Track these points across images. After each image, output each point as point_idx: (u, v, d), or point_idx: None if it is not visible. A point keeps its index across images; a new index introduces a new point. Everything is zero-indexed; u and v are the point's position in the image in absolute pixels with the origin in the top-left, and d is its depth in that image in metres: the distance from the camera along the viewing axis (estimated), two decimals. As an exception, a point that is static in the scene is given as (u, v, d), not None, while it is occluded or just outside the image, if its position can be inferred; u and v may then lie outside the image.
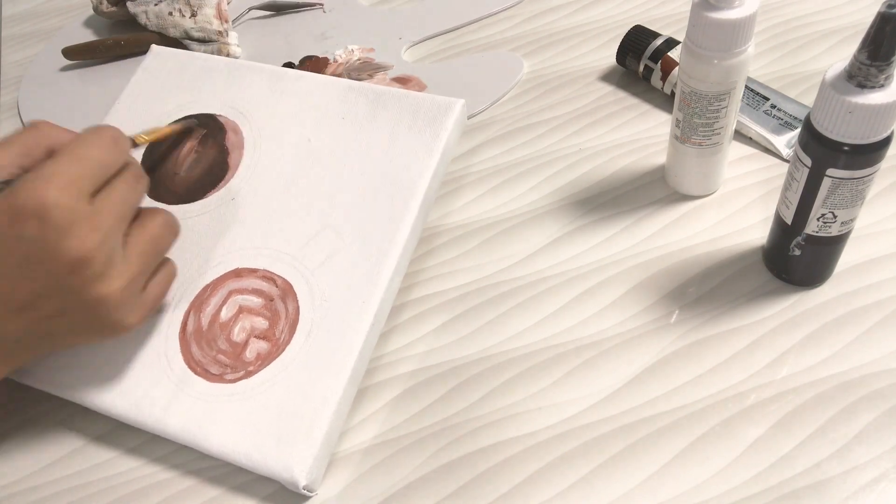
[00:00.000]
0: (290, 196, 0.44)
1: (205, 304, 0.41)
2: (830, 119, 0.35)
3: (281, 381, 0.39)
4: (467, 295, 0.45)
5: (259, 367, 0.39)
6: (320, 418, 0.37)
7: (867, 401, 0.38)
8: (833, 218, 0.38)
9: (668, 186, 0.49)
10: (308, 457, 0.36)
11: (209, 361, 0.40)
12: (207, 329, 0.41)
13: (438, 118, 0.44)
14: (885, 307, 0.42)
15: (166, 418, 0.39)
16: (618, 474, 0.37)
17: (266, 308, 0.41)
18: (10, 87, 0.65)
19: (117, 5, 0.66)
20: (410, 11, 0.65)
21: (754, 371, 0.40)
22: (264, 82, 0.49)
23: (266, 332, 0.40)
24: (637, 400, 0.39)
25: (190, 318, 0.41)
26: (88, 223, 0.32)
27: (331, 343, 0.39)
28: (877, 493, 0.35)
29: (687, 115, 0.44)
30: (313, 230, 0.42)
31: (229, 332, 0.41)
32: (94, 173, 0.33)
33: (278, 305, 0.41)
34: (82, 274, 0.33)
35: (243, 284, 0.42)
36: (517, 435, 0.39)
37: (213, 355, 0.40)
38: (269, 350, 0.40)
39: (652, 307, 0.43)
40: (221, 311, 0.41)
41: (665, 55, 0.53)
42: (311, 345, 0.39)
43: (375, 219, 0.42)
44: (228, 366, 0.40)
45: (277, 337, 0.40)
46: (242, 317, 0.41)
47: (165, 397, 0.39)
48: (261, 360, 0.39)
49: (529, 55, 0.60)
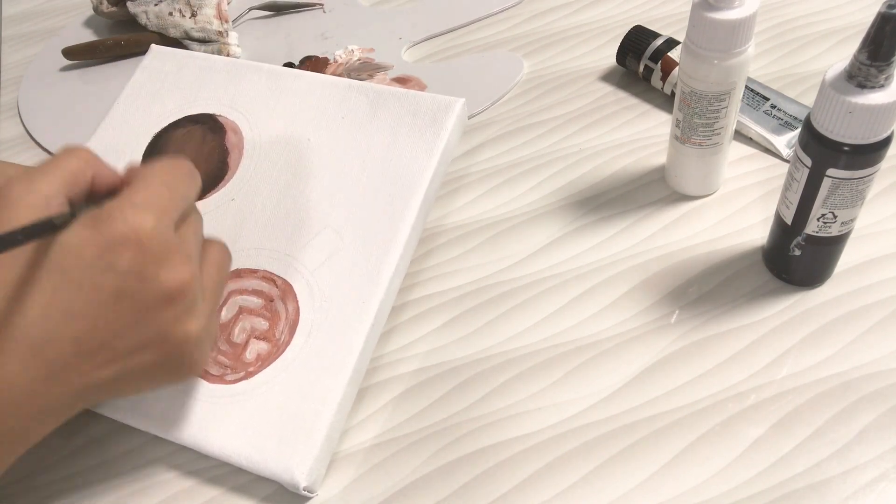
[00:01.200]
0: (290, 196, 0.44)
1: None
2: (830, 119, 0.35)
3: (281, 381, 0.39)
4: (467, 295, 0.45)
5: (259, 367, 0.39)
6: (321, 419, 0.37)
7: (867, 401, 0.38)
8: (833, 218, 0.38)
9: (668, 186, 0.49)
10: (308, 458, 0.36)
11: (209, 362, 0.40)
12: None
13: (439, 117, 0.44)
14: (885, 307, 0.42)
15: (167, 420, 0.39)
16: (618, 474, 0.37)
17: (266, 309, 0.41)
18: (10, 87, 0.65)
19: (117, 5, 0.66)
20: (410, 11, 0.65)
21: (754, 371, 0.40)
22: (263, 82, 0.49)
23: (266, 333, 0.40)
24: (637, 400, 0.39)
25: None
26: (181, 254, 0.30)
27: (331, 343, 0.39)
28: (877, 493, 0.35)
29: (687, 116, 0.44)
30: (313, 230, 0.42)
31: (229, 332, 0.41)
32: (180, 205, 0.32)
33: (278, 306, 0.41)
34: (175, 308, 0.30)
35: (243, 285, 0.42)
36: (517, 435, 0.39)
37: (213, 356, 0.40)
38: (269, 351, 0.40)
39: (652, 307, 0.43)
40: (221, 311, 0.41)
41: (665, 55, 0.53)
42: (312, 345, 0.39)
43: (376, 218, 0.42)
44: (228, 367, 0.40)
45: (277, 338, 0.40)
46: (242, 317, 0.41)
47: (165, 399, 0.39)
48: (261, 361, 0.39)
49: (529, 55, 0.60)
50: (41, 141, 0.59)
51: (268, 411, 0.38)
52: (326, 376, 0.38)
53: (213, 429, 0.38)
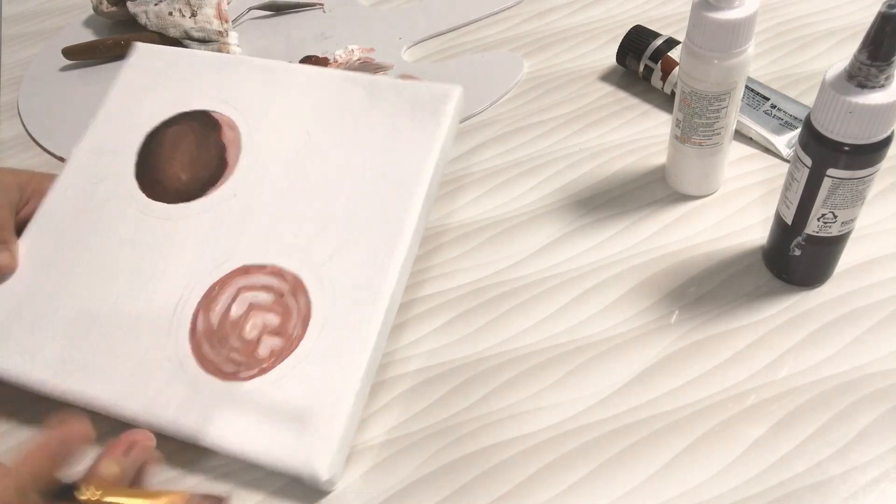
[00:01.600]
0: (292, 191, 0.44)
1: (213, 302, 0.41)
2: (831, 119, 0.35)
3: (296, 376, 0.38)
4: (467, 295, 0.45)
5: (273, 363, 0.39)
6: (339, 412, 0.37)
7: (867, 401, 0.38)
8: (833, 218, 0.38)
9: (668, 186, 0.49)
10: (329, 450, 0.36)
11: (222, 360, 0.40)
12: (218, 328, 0.40)
13: (438, 106, 0.44)
14: (885, 307, 0.42)
15: (181, 419, 0.38)
16: (618, 474, 0.37)
17: (277, 304, 0.41)
18: (10, 87, 0.65)
19: (117, 5, 0.66)
20: (410, 11, 0.65)
21: (754, 371, 0.40)
22: (257, 76, 0.48)
23: (278, 328, 0.40)
24: (637, 400, 0.39)
25: (199, 317, 0.41)
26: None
27: (345, 336, 0.39)
28: (877, 493, 0.35)
29: (687, 115, 0.44)
30: (319, 224, 0.42)
31: (241, 329, 0.40)
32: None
33: (289, 301, 0.41)
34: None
35: (252, 281, 0.42)
36: (517, 435, 0.39)
37: (226, 354, 0.40)
38: (282, 346, 0.39)
39: (652, 307, 0.43)
40: (231, 308, 0.41)
41: (665, 55, 0.53)
42: (326, 338, 0.39)
43: (380, 210, 0.42)
44: (242, 363, 0.39)
45: (290, 332, 0.40)
46: (253, 314, 0.41)
47: (179, 398, 0.39)
48: (274, 357, 0.39)
49: (529, 55, 0.60)
50: (41, 141, 0.59)
51: (284, 407, 0.38)
52: (342, 369, 0.38)
53: (229, 427, 0.38)
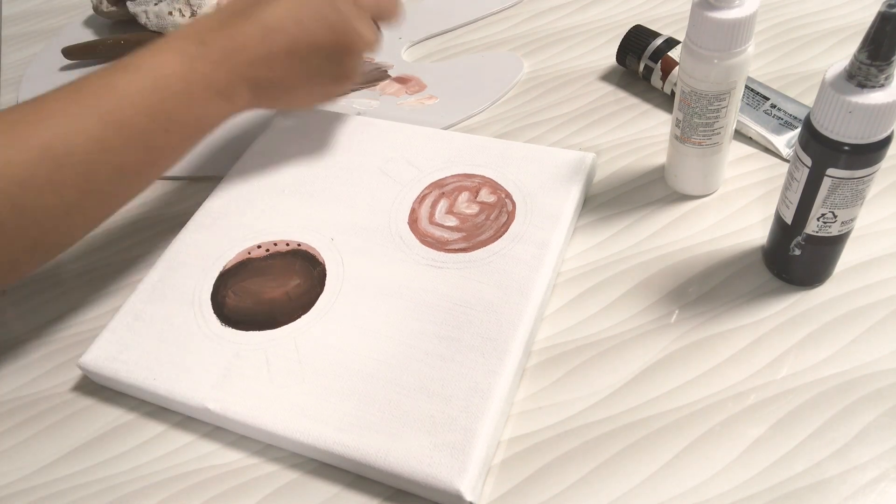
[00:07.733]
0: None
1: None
2: (830, 119, 0.35)
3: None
4: (467, 295, 0.45)
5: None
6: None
7: (867, 401, 0.38)
8: (833, 218, 0.38)
9: (668, 186, 0.49)
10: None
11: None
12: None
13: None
14: (885, 307, 0.42)
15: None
16: (618, 474, 0.37)
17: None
18: (10, 87, 0.65)
19: (117, 5, 0.66)
20: (410, 11, 0.65)
21: (754, 371, 0.40)
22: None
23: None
24: (637, 400, 0.39)
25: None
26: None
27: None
28: (877, 493, 0.35)
29: (687, 115, 0.44)
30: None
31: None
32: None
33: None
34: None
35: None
36: (517, 435, 0.39)
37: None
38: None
39: (652, 307, 0.43)
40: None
41: (665, 55, 0.53)
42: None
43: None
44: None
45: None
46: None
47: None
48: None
49: (529, 55, 0.60)
50: (41, 141, 0.59)
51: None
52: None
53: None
